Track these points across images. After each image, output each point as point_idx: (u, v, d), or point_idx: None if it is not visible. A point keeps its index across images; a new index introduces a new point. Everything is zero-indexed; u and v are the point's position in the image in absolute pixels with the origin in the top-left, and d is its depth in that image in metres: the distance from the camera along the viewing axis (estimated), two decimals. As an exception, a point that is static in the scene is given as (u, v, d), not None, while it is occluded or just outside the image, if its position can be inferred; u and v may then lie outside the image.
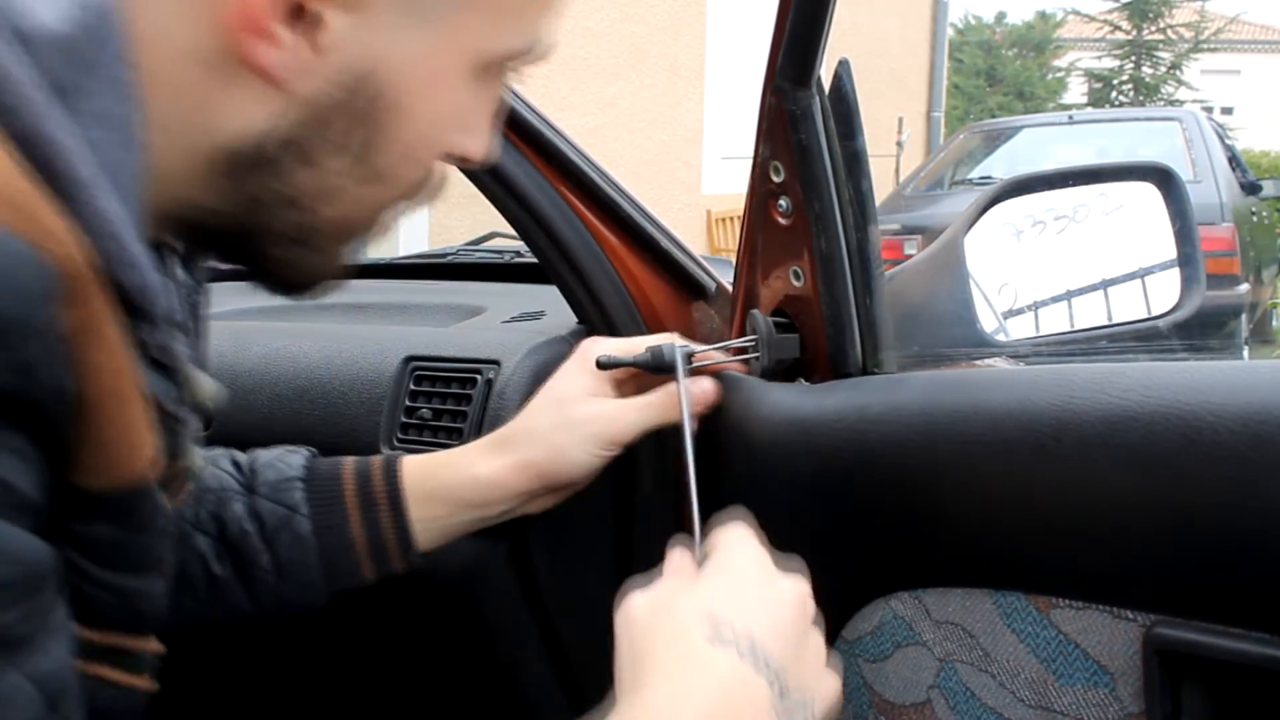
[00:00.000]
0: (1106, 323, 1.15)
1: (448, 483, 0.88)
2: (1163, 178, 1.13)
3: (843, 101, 0.87)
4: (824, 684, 0.63)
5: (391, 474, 0.88)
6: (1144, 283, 1.14)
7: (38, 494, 0.45)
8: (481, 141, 0.65)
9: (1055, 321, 1.16)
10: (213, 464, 0.89)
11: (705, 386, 0.89)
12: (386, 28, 0.54)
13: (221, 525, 0.86)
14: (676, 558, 0.67)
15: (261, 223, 0.59)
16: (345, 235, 0.63)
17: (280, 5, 0.51)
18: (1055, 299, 1.17)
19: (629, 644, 0.61)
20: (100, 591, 0.51)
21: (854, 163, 0.88)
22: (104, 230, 0.48)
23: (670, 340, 0.89)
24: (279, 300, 0.70)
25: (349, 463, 0.89)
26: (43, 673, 0.44)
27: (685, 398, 0.85)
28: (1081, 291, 1.17)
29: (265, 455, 0.90)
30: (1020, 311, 1.16)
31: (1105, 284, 1.17)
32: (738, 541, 0.67)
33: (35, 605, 0.45)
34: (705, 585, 0.64)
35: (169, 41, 0.52)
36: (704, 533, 0.71)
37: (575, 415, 0.87)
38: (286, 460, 0.89)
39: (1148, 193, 1.13)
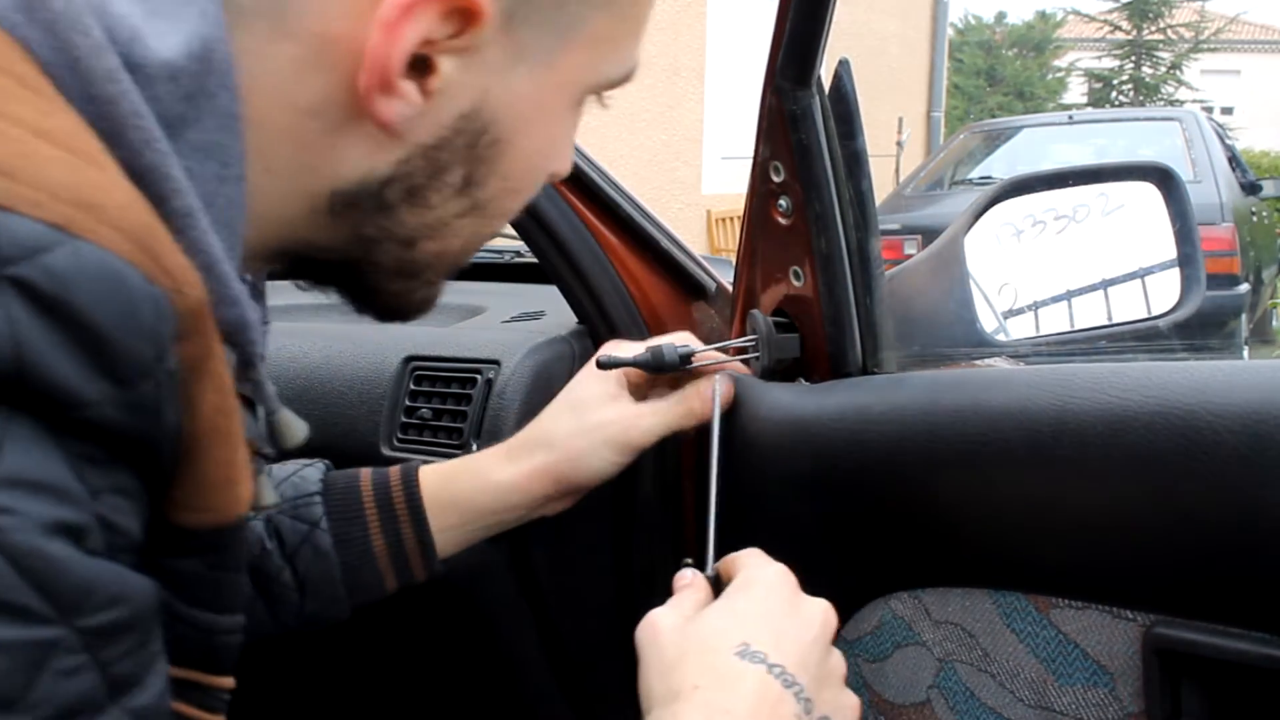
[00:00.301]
0: (1106, 323, 1.15)
1: (466, 490, 0.88)
2: (1163, 177, 1.13)
3: (843, 101, 0.87)
4: (845, 701, 0.65)
5: (410, 484, 0.88)
6: (1144, 283, 1.14)
7: (140, 532, 0.45)
8: (569, 159, 0.66)
9: (1055, 321, 1.16)
10: None
11: (726, 388, 0.89)
12: (495, 70, 0.54)
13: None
14: (689, 576, 0.70)
15: (369, 258, 0.59)
16: (448, 266, 0.63)
17: (404, 59, 0.51)
18: (1055, 299, 1.17)
19: (658, 657, 0.63)
20: (185, 628, 0.51)
21: (854, 163, 0.88)
22: (207, 265, 0.48)
23: (674, 339, 0.89)
24: (279, 300, 0.70)
25: (366, 474, 0.90)
26: (143, 708, 0.44)
27: (717, 409, 0.85)
28: (1081, 291, 1.17)
29: (281, 470, 0.90)
30: (1020, 311, 1.16)
31: (1105, 284, 1.17)
32: (761, 560, 0.69)
33: (141, 643, 0.44)
34: (733, 603, 0.65)
35: (284, 92, 0.51)
36: (717, 552, 0.73)
37: (592, 420, 0.87)
38: (303, 474, 0.89)
39: (1148, 193, 1.13)
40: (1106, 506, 0.68)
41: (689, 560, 0.72)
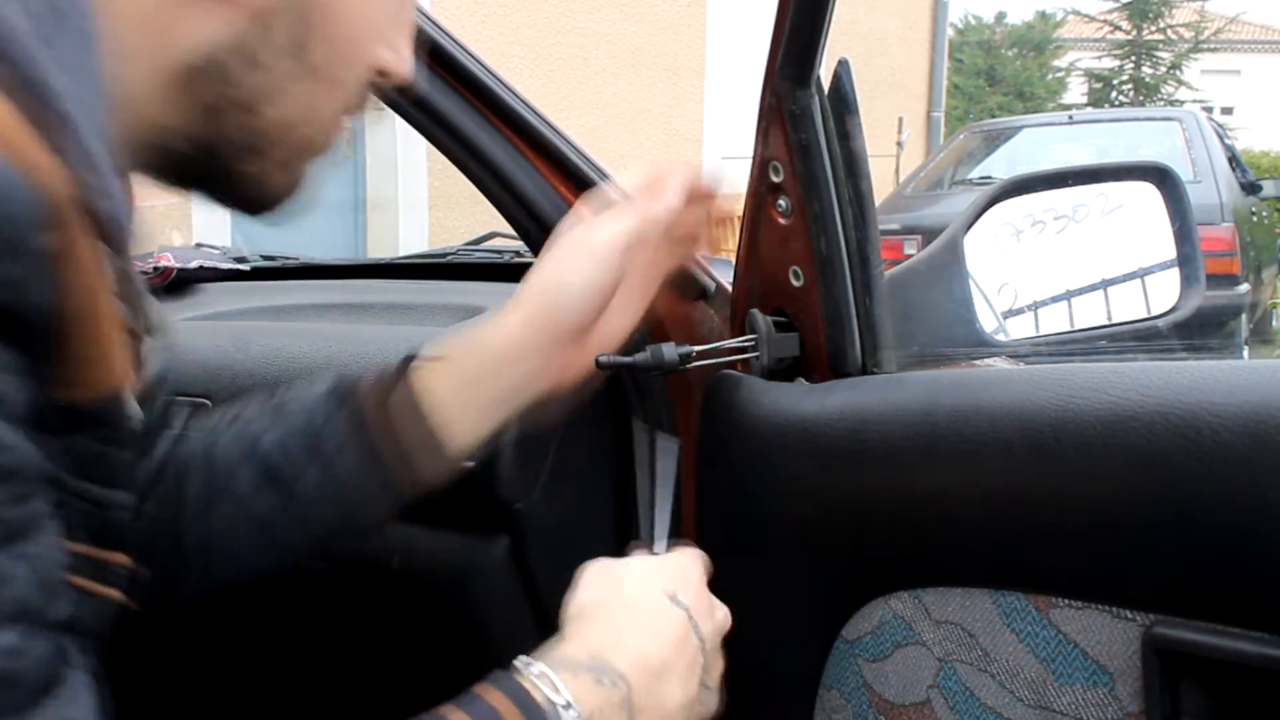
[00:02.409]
0: (1106, 323, 1.15)
1: (466, 367, 0.85)
2: (1162, 177, 1.13)
3: (842, 101, 0.87)
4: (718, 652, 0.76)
5: (412, 376, 0.86)
6: (1143, 282, 1.15)
7: (24, 404, 0.48)
8: (403, 59, 0.71)
9: (1055, 322, 1.16)
10: (234, 415, 0.89)
11: (665, 204, 0.84)
12: None
13: (260, 459, 0.85)
14: (636, 549, 0.79)
15: (219, 133, 0.63)
16: (299, 145, 0.67)
17: None
18: (1055, 299, 1.17)
19: (599, 580, 0.73)
20: (76, 501, 0.54)
21: (853, 163, 0.88)
22: (86, 163, 0.52)
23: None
24: (279, 300, 0.70)
25: (368, 377, 0.88)
26: (36, 556, 0.47)
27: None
28: (1081, 291, 1.17)
29: (286, 392, 0.90)
30: (1020, 311, 1.16)
31: (1105, 284, 1.17)
32: (687, 551, 0.79)
33: (28, 496, 0.48)
34: (665, 563, 0.77)
35: None
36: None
37: (560, 243, 0.84)
38: (307, 390, 0.88)
39: (1147, 192, 1.13)
40: (1106, 506, 0.68)
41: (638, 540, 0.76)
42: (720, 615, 0.76)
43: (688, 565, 0.77)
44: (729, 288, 1.03)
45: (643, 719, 0.67)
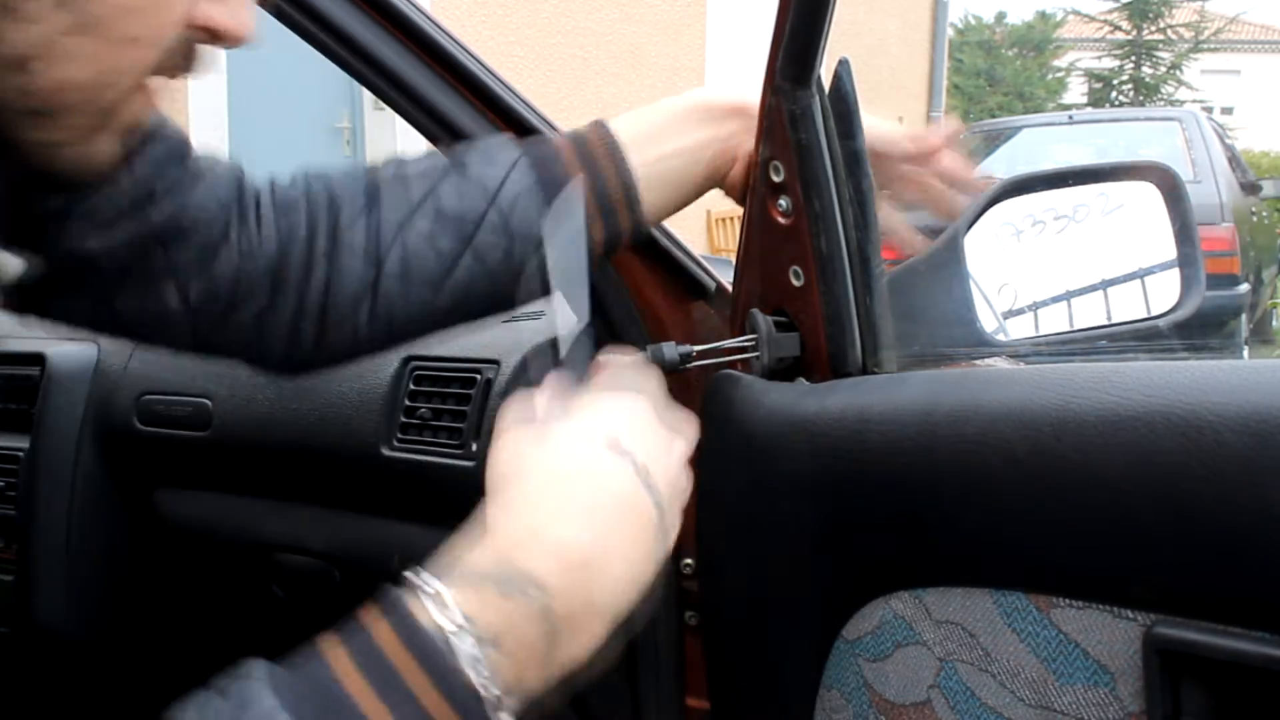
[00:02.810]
0: (1106, 322, 1.15)
1: (638, 124, 0.90)
2: (1163, 177, 1.13)
3: (842, 101, 0.87)
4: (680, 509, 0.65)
5: (604, 127, 0.89)
6: (1144, 283, 1.14)
7: None
8: (237, 16, 0.62)
9: (1055, 322, 1.16)
10: (402, 162, 0.87)
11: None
12: None
13: (436, 202, 0.83)
14: (555, 381, 0.67)
15: None
16: (95, 112, 0.61)
17: None
18: (1055, 300, 1.17)
19: (532, 431, 0.62)
20: None
21: (854, 162, 0.88)
22: None
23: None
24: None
25: (561, 132, 0.90)
26: None
27: None
28: (1081, 292, 1.17)
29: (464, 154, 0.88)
30: (1020, 312, 1.16)
31: (1105, 284, 1.16)
32: (623, 369, 0.69)
33: None
34: (603, 401, 0.65)
35: None
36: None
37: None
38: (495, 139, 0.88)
39: (1148, 192, 1.13)
40: (1107, 506, 0.68)
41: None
42: (680, 447, 0.66)
43: (632, 398, 0.65)
44: (729, 288, 1.03)
45: (570, 627, 0.57)
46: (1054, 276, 1.17)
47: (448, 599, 0.55)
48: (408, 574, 0.56)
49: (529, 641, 0.56)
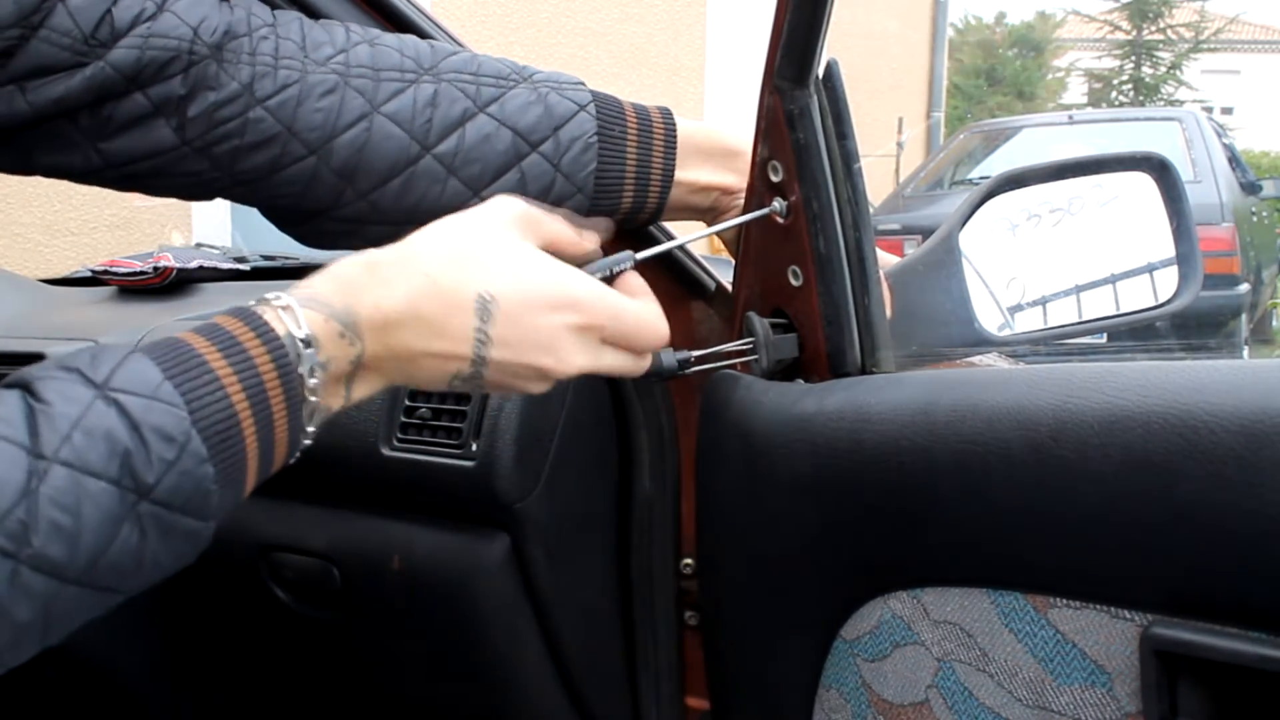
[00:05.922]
0: (1101, 315, 1.14)
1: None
2: (1157, 168, 1.13)
3: (835, 100, 0.87)
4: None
5: (669, 116, 0.92)
6: (1144, 274, 1.14)
7: None
8: None
9: (1050, 315, 1.16)
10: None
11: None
12: None
13: (503, 108, 0.85)
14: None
15: None
16: None
17: None
18: (1057, 294, 1.17)
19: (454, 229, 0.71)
20: None
21: (849, 162, 0.88)
22: None
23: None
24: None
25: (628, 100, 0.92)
26: None
27: None
28: (1078, 285, 1.17)
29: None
30: (1019, 307, 1.16)
31: (1104, 277, 1.16)
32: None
33: None
34: (536, 260, 0.73)
35: None
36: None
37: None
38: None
39: (1143, 183, 1.12)
40: (1104, 506, 0.68)
41: None
42: (574, 334, 0.73)
43: (566, 278, 0.73)
44: (729, 288, 1.03)
45: (371, 378, 0.69)
46: (1050, 269, 1.17)
47: (299, 315, 0.65)
48: (265, 295, 0.65)
49: (340, 369, 0.68)
